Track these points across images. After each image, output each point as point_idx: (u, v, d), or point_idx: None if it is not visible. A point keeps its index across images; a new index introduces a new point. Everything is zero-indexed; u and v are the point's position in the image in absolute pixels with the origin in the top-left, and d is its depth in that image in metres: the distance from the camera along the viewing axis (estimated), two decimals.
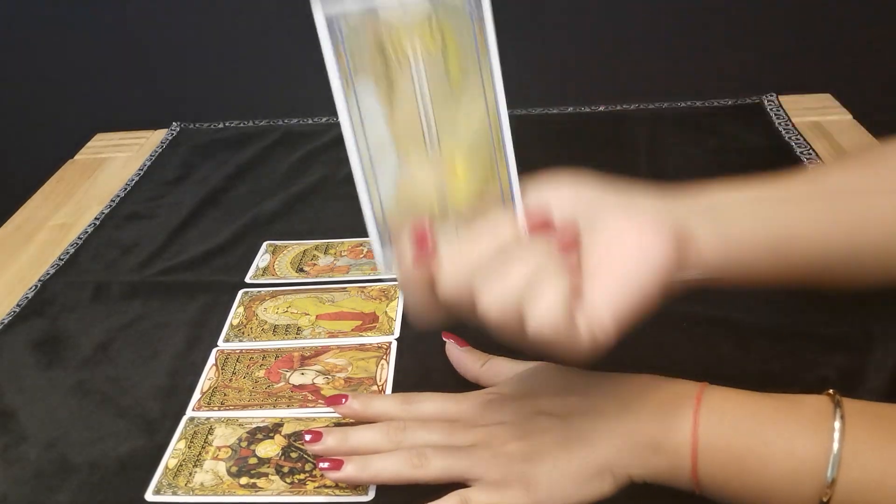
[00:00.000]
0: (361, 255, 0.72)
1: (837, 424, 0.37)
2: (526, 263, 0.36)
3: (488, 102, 0.37)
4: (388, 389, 0.56)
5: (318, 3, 0.33)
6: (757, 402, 0.41)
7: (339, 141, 1.04)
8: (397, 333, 0.61)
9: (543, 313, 0.35)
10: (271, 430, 0.53)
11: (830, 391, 0.40)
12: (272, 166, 0.92)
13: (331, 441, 0.48)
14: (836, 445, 0.37)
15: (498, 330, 0.37)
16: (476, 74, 0.36)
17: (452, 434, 0.47)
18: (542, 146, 0.91)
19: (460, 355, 0.54)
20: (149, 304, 0.69)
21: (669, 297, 0.39)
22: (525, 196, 0.40)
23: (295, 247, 0.75)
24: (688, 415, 0.41)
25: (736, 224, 0.41)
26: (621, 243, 0.38)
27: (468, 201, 0.38)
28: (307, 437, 0.48)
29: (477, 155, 0.37)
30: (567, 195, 0.41)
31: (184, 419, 0.55)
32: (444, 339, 0.56)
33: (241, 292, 0.68)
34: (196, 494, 0.49)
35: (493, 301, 0.36)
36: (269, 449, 0.52)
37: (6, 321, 0.68)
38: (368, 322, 0.63)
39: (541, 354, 0.40)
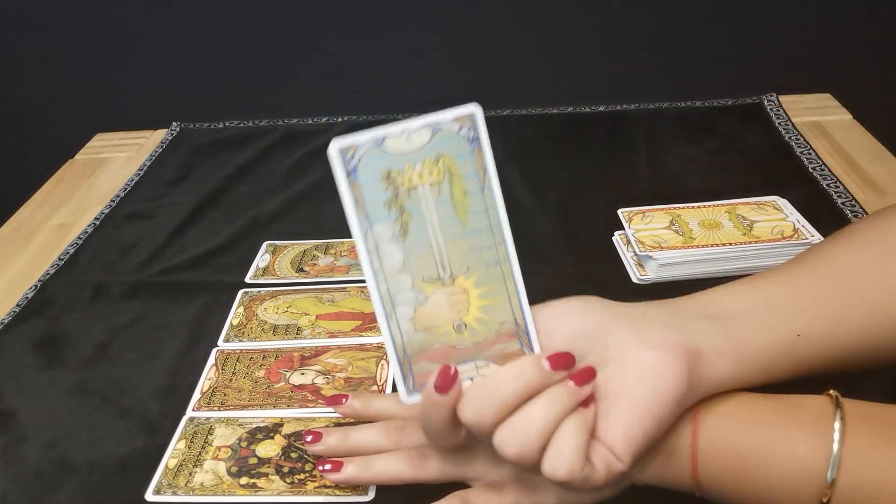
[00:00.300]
0: None
1: (837, 426, 0.37)
2: (548, 406, 0.37)
3: (492, 222, 0.39)
4: (388, 389, 0.56)
5: (334, 141, 0.36)
6: (756, 403, 0.41)
7: None
8: None
9: (560, 461, 0.37)
10: (271, 430, 0.53)
11: (831, 392, 0.40)
12: (272, 166, 0.92)
13: (331, 441, 0.47)
14: (835, 447, 0.37)
15: (513, 463, 0.38)
16: (479, 198, 0.38)
17: None
18: (542, 146, 0.91)
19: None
20: (149, 304, 0.69)
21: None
22: (537, 315, 0.41)
23: (295, 247, 0.75)
24: (686, 417, 0.41)
25: (748, 335, 0.42)
26: (633, 372, 0.39)
27: (483, 323, 0.40)
28: (308, 438, 0.48)
29: (488, 276, 0.39)
30: (578, 321, 0.41)
31: (184, 419, 0.55)
32: None
33: (241, 292, 0.68)
34: (196, 494, 0.49)
35: (511, 438, 0.37)
36: (269, 449, 0.52)
37: (6, 321, 0.68)
38: (368, 322, 0.63)
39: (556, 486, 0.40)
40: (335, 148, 0.36)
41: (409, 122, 0.37)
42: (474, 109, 0.38)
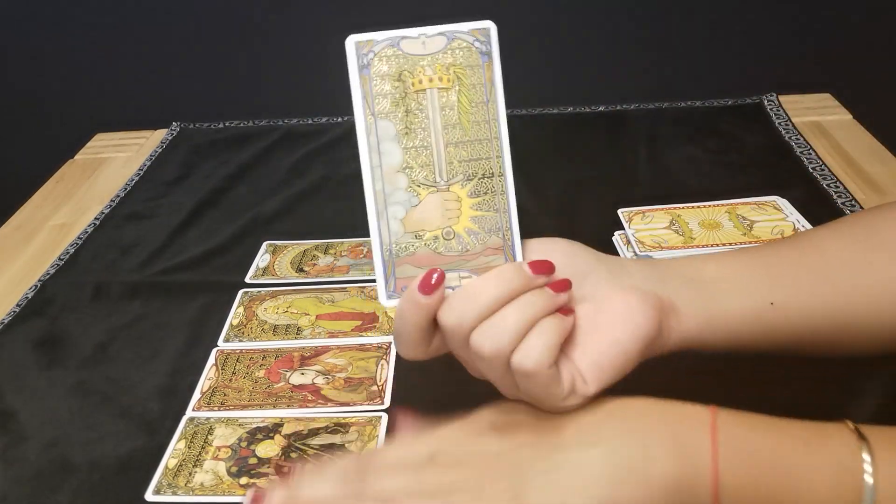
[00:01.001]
0: (361, 255, 0.72)
1: (867, 457, 0.36)
2: (524, 307, 0.38)
3: (492, 135, 0.40)
4: (388, 389, 0.56)
5: (351, 37, 0.37)
6: (779, 433, 0.38)
7: (338, 141, 1.04)
8: None
9: (531, 352, 0.37)
10: (271, 430, 0.53)
11: (847, 422, 0.38)
12: (272, 166, 0.92)
13: (276, 501, 0.40)
14: (869, 479, 0.36)
15: (485, 366, 0.38)
16: (483, 110, 0.40)
17: (426, 475, 0.39)
18: (542, 146, 0.91)
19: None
20: (149, 304, 0.69)
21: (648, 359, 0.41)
22: (525, 247, 0.42)
23: (295, 247, 0.75)
24: (704, 448, 0.37)
25: (719, 297, 0.43)
26: (608, 310, 0.40)
27: (472, 234, 0.41)
28: (247, 501, 0.40)
29: (483, 187, 0.40)
30: (563, 254, 0.42)
31: (184, 419, 0.55)
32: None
33: (241, 292, 0.68)
34: (196, 494, 0.49)
35: (487, 337, 0.37)
36: (268, 449, 0.52)
37: (6, 321, 0.68)
38: (368, 322, 0.63)
39: (516, 397, 0.40)
40: (352, 41, 0.37)
41: (427, 28, 0.39)
42: (489, 24, 0.40)
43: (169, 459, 0.52)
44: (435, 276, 0.38)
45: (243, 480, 0.49)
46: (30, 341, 0.65)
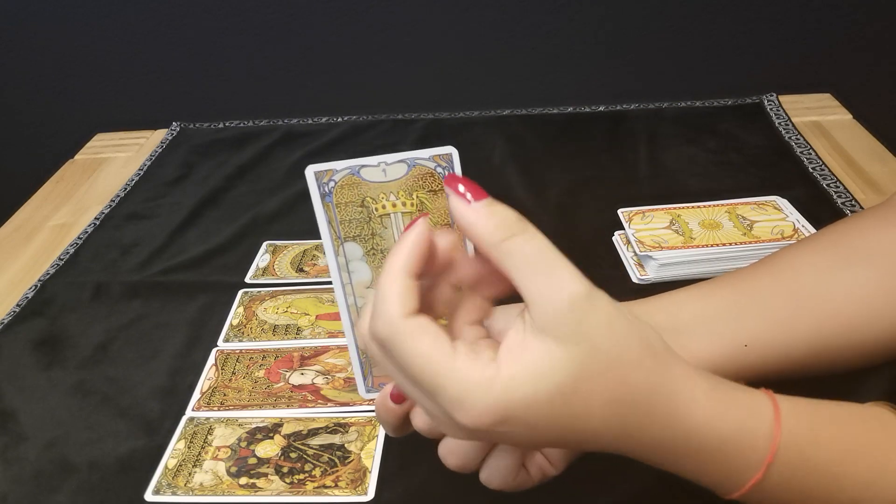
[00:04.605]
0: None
1: None
2: None
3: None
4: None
5: (310, 166, 0.38)
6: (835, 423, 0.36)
7: (338, 141, 1.04)
8: None
9: (495, 473, 0.38)
10: (271, 430, 0.53)
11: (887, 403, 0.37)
12: (272, 166, 0.92)
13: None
14: None
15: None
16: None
17: None
18: (542, 146, 0.91)
19: (474, 216, 0.33)
20: (149, 304, 0.69)
21: None
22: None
23: (295, 247, 0.75)
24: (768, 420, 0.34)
25: (693, 347, 0.43)
26: None
27: None
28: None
29: None
30: None
31: (183, 419, 0.55)
32: (449, 186, 0.34)
33: (240, 292, 0.68)
34: (195, 494, 0.49)
35: (452, 454, 0.38)
36: (268, 449, 0.52)
37: (6, 321, 0.68)
38: None
39: None
40: (311, 170, 0.39)
41: (387, 156, 0.39)
42: (451, 150, 0.40)
43: (168, 459, 0.52)
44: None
45: (243, 480, 0.49)
46: (30, 341, 0.65)
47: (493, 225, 0.32)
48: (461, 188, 0.33)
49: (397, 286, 0.32)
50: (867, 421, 0.36)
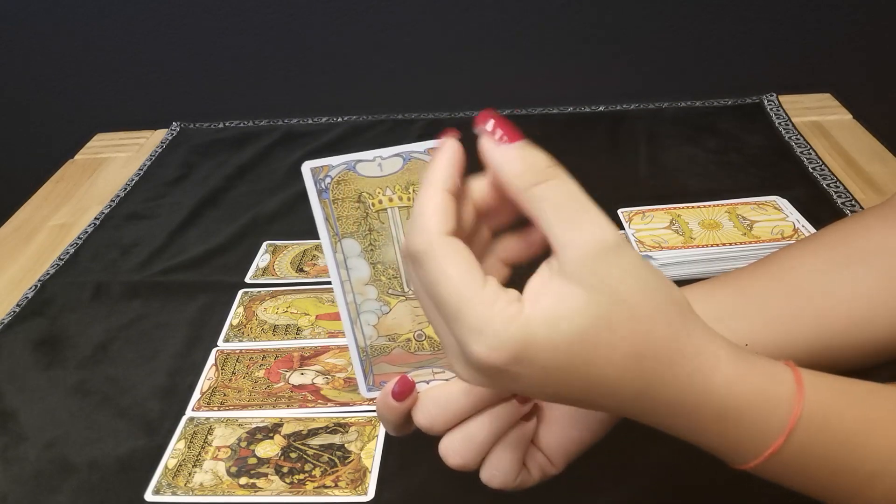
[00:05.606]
0: None
1: None
2: (492, 421, 0.38)
3: None
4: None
5: (306, 163, 0.38)
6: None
7: (338, 141, 1.04)
8: None
9: (496, 472, 0.39)
10: (271, 430, 0.53)
11: None
12: (272, 166, 0.92)
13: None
14: None
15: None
16: None
17: None
18: (542, 146, 0.91)
19: (502, 159, 0.33)
20: (149, 304, 0.69)
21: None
22: None
23: (295, 247, 0.75)
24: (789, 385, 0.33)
25: None
26: None
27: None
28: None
29: None
30: None
31: (183, 419, 0.55)
32: (481, 125, 0.34)
33: (240, 292, 0.68)
34: (195, 494, 0.49)
35: (454, 451, 0.38)
36: (268, 449, 0.52)
37: (6, 321, 0.68)
38: None
39: None
40: (307, 167, 0.38)
41: (382, 150, 0.39)
42: None
43: (168, 459, 0.52)
44: (406, 383, 0.39)
45: (243, 480, 0.49)
46: (30, 341, 0.65)
47: (522, 169, 0.32)
48: (490, 126, 0.32)
49: (436, 200, 0.32)
50: (889, 398, 0.35)
